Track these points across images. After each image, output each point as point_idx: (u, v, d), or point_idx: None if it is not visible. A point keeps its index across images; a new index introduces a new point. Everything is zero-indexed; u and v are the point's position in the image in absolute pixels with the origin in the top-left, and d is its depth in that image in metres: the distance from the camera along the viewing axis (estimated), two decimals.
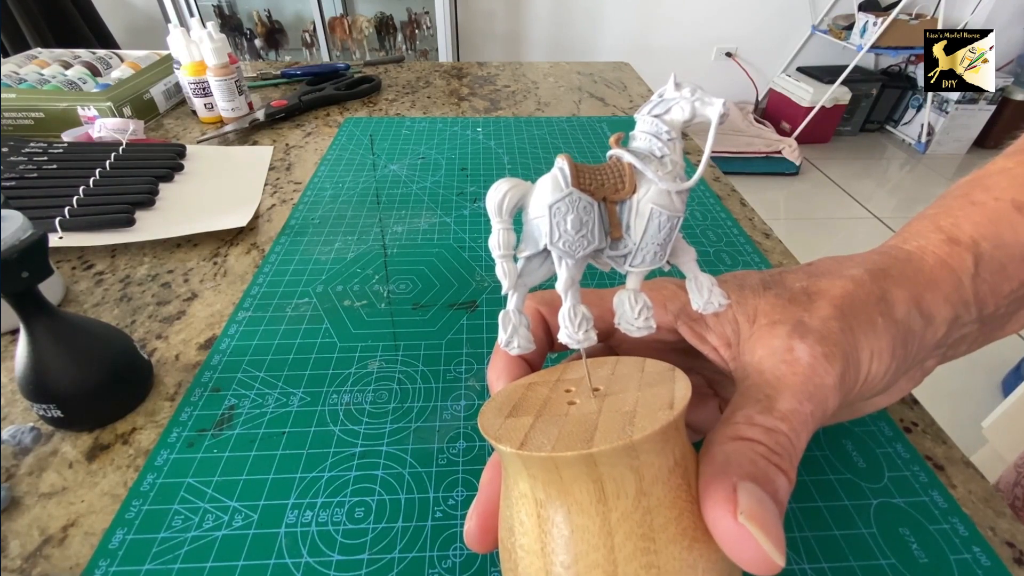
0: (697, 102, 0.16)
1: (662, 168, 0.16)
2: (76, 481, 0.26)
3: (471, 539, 0.18)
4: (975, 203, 0.21)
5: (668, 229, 0.16)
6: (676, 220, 0.16)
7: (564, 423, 0.15)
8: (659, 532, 0.14)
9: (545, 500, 0.14)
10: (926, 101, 2.42)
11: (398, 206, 0.49)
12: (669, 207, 0.16)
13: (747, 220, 0.48)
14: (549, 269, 0.17)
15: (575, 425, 0.15)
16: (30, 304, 0.26)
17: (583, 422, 0.15)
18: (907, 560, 0.24)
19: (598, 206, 0.16)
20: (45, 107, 0.60)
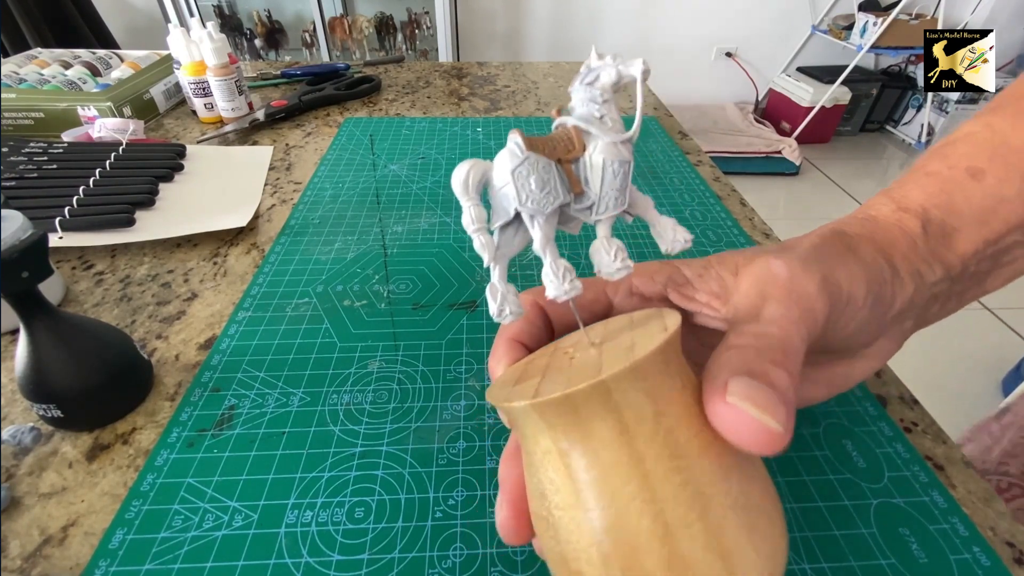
0: (620, 65, 0.18)
1: (603, 126, 0.18)
2: (76, 481, 0.26)
3: (507, 529, 0.17)
4: (929, 174, 0.22)
5: (622, 175, 0.18)
6: (628, 166, 0.18)
7: (570, 371, 0.15)
8: (685, 448, 0.14)
9: (569, 448, 0.15)
10: (926, 101, 2.42)
11: (398, 206, 0.49)
12: (618, 156, 0.18)
13: (747, 220, 0.48)
14: (524, 237, 0.18)
15: (580, 369, 0.15)
16: (30, 304, 0.26)
17: (587, 365, 0.15)
18: (907, 560, 0.24)
19: (555, 166, 0.18)
20: (45, 107, 0.60)
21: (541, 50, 2.47)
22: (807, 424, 0.30)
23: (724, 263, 0.21)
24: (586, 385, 0.14)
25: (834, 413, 0.30)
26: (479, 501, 0.26)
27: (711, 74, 2.58)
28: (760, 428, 0.13)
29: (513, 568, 0.23)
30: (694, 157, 0.60)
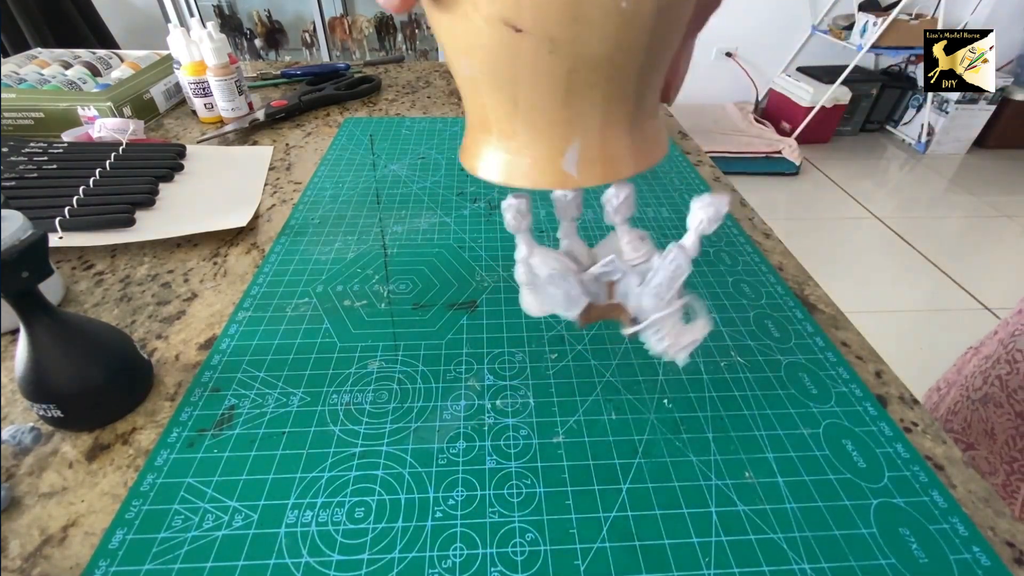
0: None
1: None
2: (76, 481, 0.26)
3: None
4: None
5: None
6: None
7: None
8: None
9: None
10: (926, 101, 2.42)
11: (398, 206, 0.49)
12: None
13: (747, 220, 0.48)
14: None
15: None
16: (30, 304, 0.26)
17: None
18: (907, 560, 0.24)
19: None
20: (45, 107, 0.60)
21: None
22: (807, 424, 0.30)
23: None
24: None
25: (834, 413, 0.30)
26: (479, 501, 0.26)
27: (711, 74, 2.58)
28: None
29: (513, 568, 0.23)
30: (694, 157, 0.60)
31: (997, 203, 2.12)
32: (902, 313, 1.57)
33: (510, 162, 0.15)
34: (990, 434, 0.46)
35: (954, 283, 1.69)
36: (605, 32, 0.12)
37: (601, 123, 0.14)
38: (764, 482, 0.27)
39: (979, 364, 0.49)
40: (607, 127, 0.14)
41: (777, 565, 0.23)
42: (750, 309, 0.37)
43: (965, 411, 0.48)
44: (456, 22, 0.13)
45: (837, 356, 0.34)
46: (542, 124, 0.14)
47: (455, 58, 0.14)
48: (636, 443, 0.28)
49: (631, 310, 0.21)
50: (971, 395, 0.48)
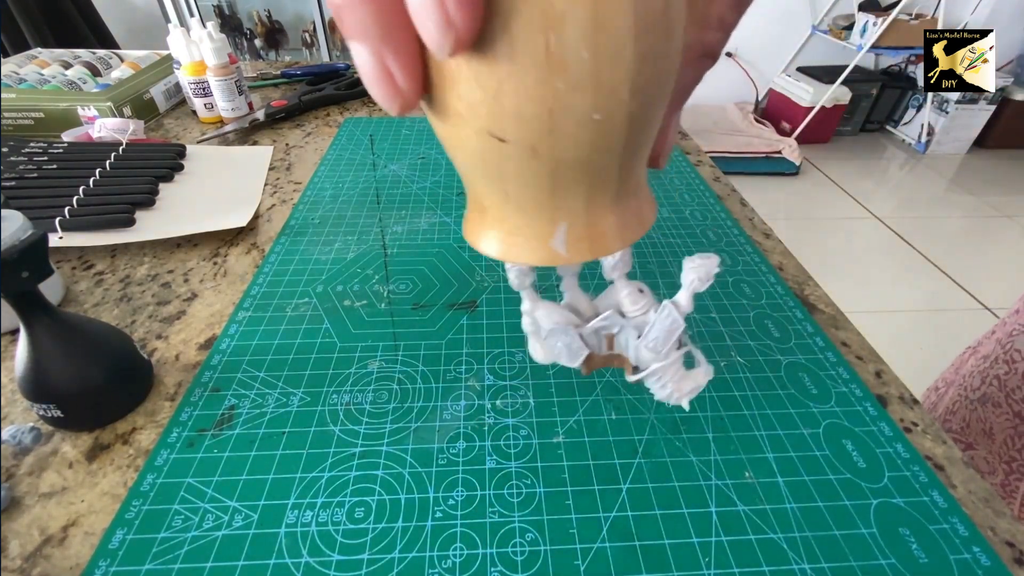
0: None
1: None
2: (76, 481, 0.26)
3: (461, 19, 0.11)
4: None
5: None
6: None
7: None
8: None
9: None
10: (926, 101, 2.43)
11: (398, 206, 0.49)
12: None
13: (747, 220, 0.48)
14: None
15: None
16: (30, 304, 0.26)
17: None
18: (907, 560, 0.24)
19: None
20: (45, 107, 0.60)
21: None
22: (807, 424, 0.30)
23: None
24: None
25: (834, 413, 0.30)
26: (479, 501, 0.26)
27: (711, 74, 2.54)
28: None
29: (513, 568, 0.23)
30: (694, 157, 0.60)
31: (997, 203, 2.12)
32: (902, 313, 1.57)
33: (505, 241, 0.17)
34: (988, 434, 0.46)
35: (954, 283, 1.69)
36: (580, 140, 0.13)
37: (586, 208, 0.15)
38: (764, 482, 0.27)
39: (977, 364, 0.49)
40: (591, 210, 0.15)
41: (777, 565, 0.23)
42: (750, 309, 0.37)
43: (963, 411, 0.48)
44: (448, 129, 0.14)
45: (837, 356, 0.34)
46: (531, 211, 0.15)
47: (451, 153, 0.15)
48: (636, 443, 0.28)
49: (631, 360, 0.22)
50: (969, 395, 0.48)
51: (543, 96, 0.12)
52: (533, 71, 0.12)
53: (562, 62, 0.11)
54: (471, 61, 0.12)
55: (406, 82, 0.12)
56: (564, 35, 0.11)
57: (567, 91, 0.12)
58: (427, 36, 0.11)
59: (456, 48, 0.11)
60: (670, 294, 0.21)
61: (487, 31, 0.11)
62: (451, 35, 0.11)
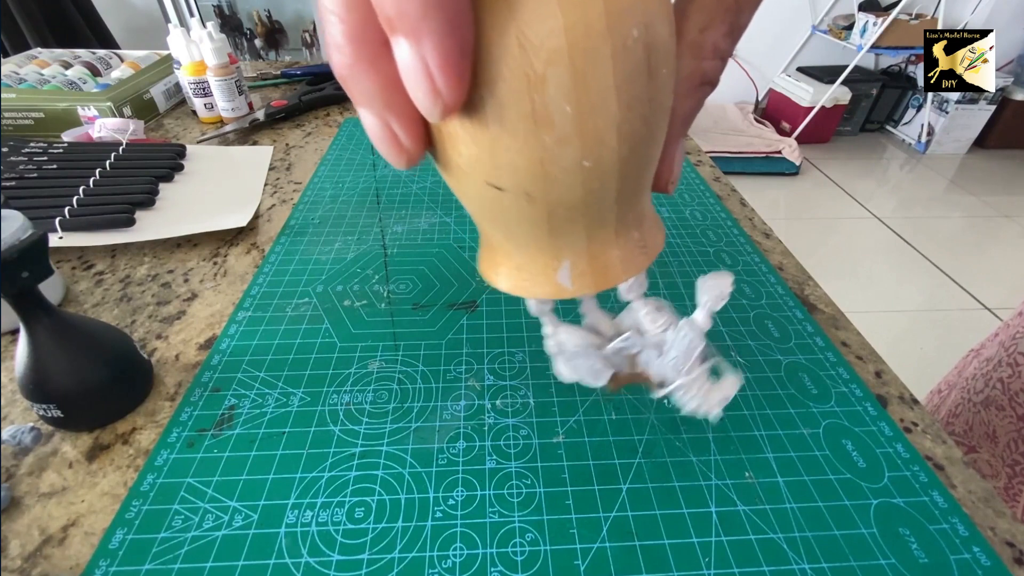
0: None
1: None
2: (76, 481, 0.26)
3: (451, 86, 0.12)
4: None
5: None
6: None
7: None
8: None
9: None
10: (926, 101, 2.43)
11: (398, 206, 0.49)
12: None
13: (747, 220, 0.48)
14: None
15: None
16: (30, 304, 0.26)
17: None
18: (907, 560, 0.24)
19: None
20: (45, 107, 0.60)
21: None
22: (807, 424, 0.30)
23: None
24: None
25: (834, 413, 0.30)
26: (479, 501, 0.26)
27: None
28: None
29: (513, 568, 0.23)
30: (694, 157, 0.60)
31: (997, 203, 2.12)
32: (902, 313, 1.58)
33: (513, 276, 0.18)
34: (992, 437, 0.46)
35: (954, 283, 1.69)
36: (573, 184, 0.14)
37: (587, 245, 0.16)
38: (764, 482, 0.27)
39: (980, 366, 0.49)
40: (593, 246, 0.16)
41: (777, 565, 0.23)
42: (750, 309, 0.37)
43: (966, 413, 0.48)
44: (452, 180, 0.16)
45: (837, 356, 0.34)
46: (534, 250, 0.16)
47: (459, 198, 0.17)
48: (636, 443, 0.28)
49: (656, 377, 0.22)
50: (972, 397, 0.48)
51: (533, 149, 0.13)
52: (522, 128, 0.12)
53: (547, 118, 0.12)
54: (465, 122, 0.13)
55: (409, 142, 0.14)
56: (546, 94, 0.12)
57: (555, 144, 0.13)
58: (418, 103, 0.12)
59: (444, 113, 0.12)
60: (670, 294, 0.21)
61: (476, 95, 0.12)
62: (439, 102, 0.12)
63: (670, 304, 0.21)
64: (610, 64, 0.12)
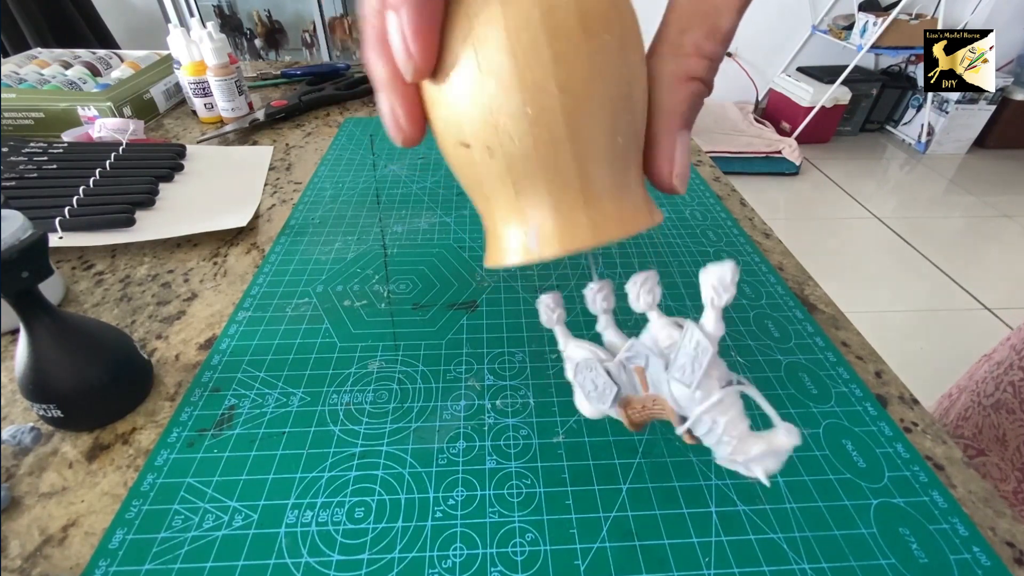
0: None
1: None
2: (76, 481, 0.26)
3: (408, 122, 0.17)
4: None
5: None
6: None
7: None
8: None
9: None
10: (926, 101, 2.43)
11: (398, 206, 0.49)
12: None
13: (747, 220, 0.48)
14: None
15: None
16: (30, 304, 0.26)
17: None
18: (907, 560, 0.24)
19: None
20: (45, 107, 0.60)
21: None
22: (807, 424, 0.30)
23: None
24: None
25: (834, 413, 0.30)
26: (479, 501, 0.26)
27: None
28: (673, 190, 0.18)
29: (513, 568, 0.23)
30: (694, 157, 0.60)
31: (997, 203, 2.12)
32: (902, 313, 1.58)
33: (493, 248, 0.19)
34: (1002, 440, 0.45)
35: (954, 283, 1.69)
36: (521, 133, 0.15)
37: (553, 208, 0.17)
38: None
39: (991, 370, 0.49)
40: (559, 210, 0.17)
41: (777, 565, 0.23)
42: (750, 309, 0.37)
43: (976, 416, 0.48)
44: (441, 149, 0.17)
45: (837, 356, 0.34)
46: (507, 214, 0.17)
47: (451, 170, 0.18)
48: (636, 443, 0.28)
49: (669, 401, 0.21)
50: (982, 401, 0.48)
51: (481, 98, 0.15)
52: (470, 80, 0.15)
53: (490, 69, 0.15)
54: (438, 87, 0.16)
55: (406, 121, 0.17)
56: (487, 50, 0.14)
57: (499, 91, 0.15)
58: (398, 63, 0.15)
59: (416, 73, 0.15)
60: (670, 294, 0.21)
61: (441, 62, 0.15)
62: (411, 63, 0.15)
63: (694, 324, 0.19)
64: (539, 22, 0.14)
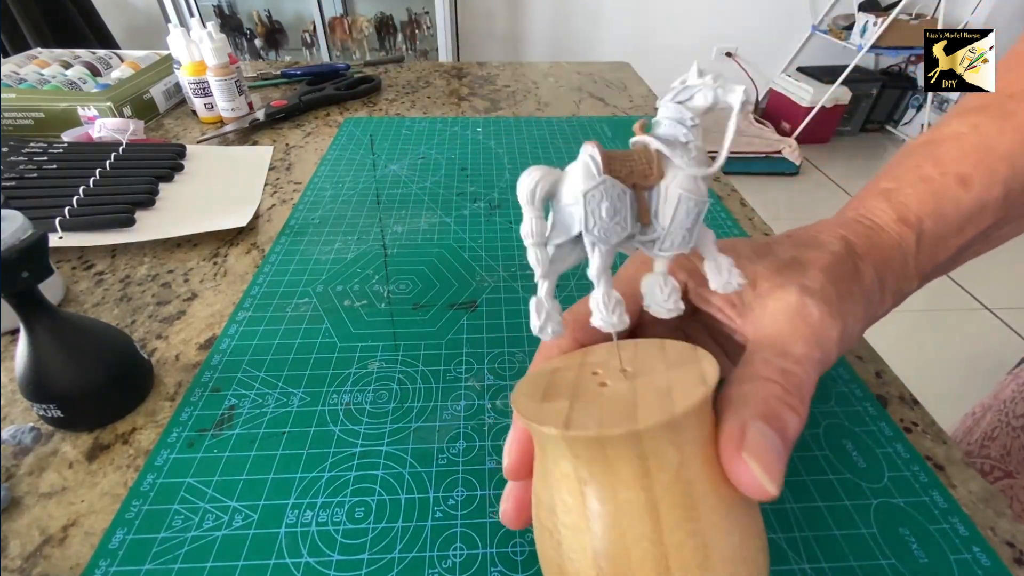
0: (719, 89, 0.16)
1: (687, 154, 0.17)
2: (76, 481, 0.26)
3: (508, 519, 0.19)
4: (923, 179, 0.24)
5: (696, 214, 0.17)
6: (703, 205, 0.17)
7: (602, 404, 0.15)
8: (699, 501, 0.15)
9: (588, 479, 0.15)
10: (926, 101, 2.42)
11: (398, 206, 0.49)
12: (696, 192, 0.17)
13: (747, 220, 0.48)
14: (579, 255, 0.17)
15: (614, 405, 0.15)
16: (30, 304, 0.26)
17: (621, 401, 0.15)
18: (907, 560, 0.24)
19: (629, 193, 0.16)
20: (45, 107, 0.60)
21: (541, 50, 2.46)
22: (807, 424, 0.29)
23: (743, 270, 0.21)
24: (621, 432, 0.14)
25: (834, 413, 0.30)
26: (479, 501, 0.26)
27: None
28: (758, 485, 0.15)
29: (513, 568, 0.23)
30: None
31: None
32: (902, 313, 1.57)
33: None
34: None
35: (954, 283, 1.69)
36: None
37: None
38: None
39: (1019, 389, 0.47)
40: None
41: (777, 565, 0.23)
42: None
43: (1004, 437, 0.46)
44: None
45: None
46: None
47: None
48: None
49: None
50: (1011, 421, 0.46)
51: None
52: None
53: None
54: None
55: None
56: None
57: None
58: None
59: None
60: None
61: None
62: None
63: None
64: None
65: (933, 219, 0.23)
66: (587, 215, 0.16)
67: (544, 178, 0.16)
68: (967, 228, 0.23)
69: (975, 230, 0.23)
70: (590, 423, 0.14)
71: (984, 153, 0.23)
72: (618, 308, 0.17)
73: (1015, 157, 0.22)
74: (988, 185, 0.22)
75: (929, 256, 0.23)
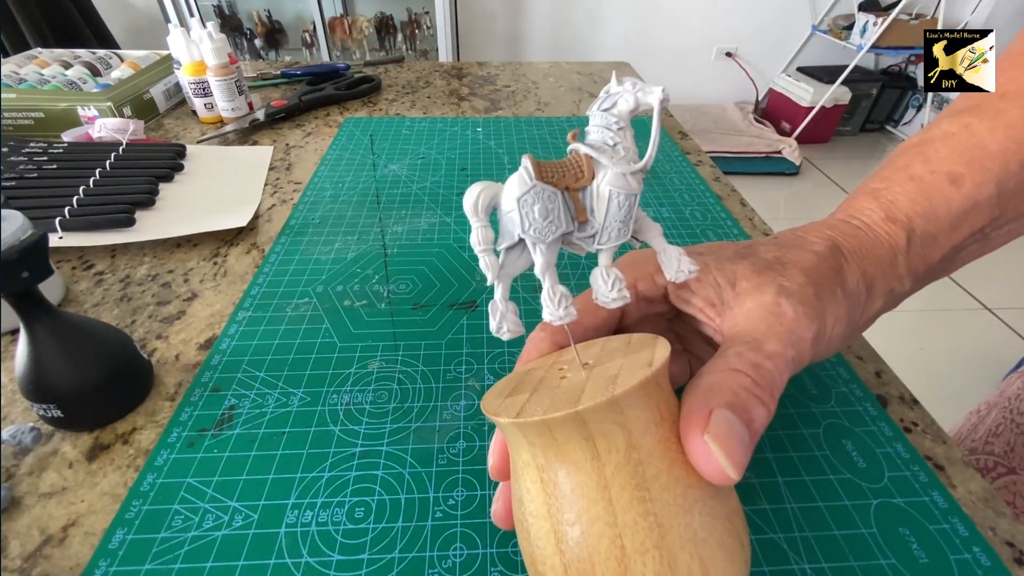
0: (639, 92, 0.18)
1: (615, 155, 0.18)
2: (76, 481, 0.26)
3: (499, 519, 0.20)
4: (913, 178, 0.24)
5: (627, 207, 0.18)
6: (633, 198, 0.18)
7: (555, 393, 0.16)
8: (652, 481, 0.15)
9: (545, 464, 0.16)
10: (926, 101, 2.42)
11: (398, 206, 0.49)
12: (625, 187, 0.18)
13: (747, 220, 0.48)
14: (528, 259, 0.19)
15: (565, 393, 0.16)
16: (30, 304, 0.26)
17: (572, 390, 0.16)
18: (907, 560, 0.24)
19: (561, 194, 0.18)
20: (45, 107, 0.60)
21: (541, 50, 2.46)
22: (807, 424, 0.30)
23: (722, 271, 0.22)
24: (561, 414, 0.15)
25: (834, 413, 0.30)
26: (479, 501, 0.26)
27: (711, 74, 2.58)
28: (720, 470, 0.15)
29: (513, 568, 0.23)
30: (694, 157, 0.60)
31: None
32: (902, 313, 1.57)
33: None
34: None
35: (954, 283, 1.69)
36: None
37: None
38: (764, 482, 0.27)
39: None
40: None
41: (777, 565, 0.23)
42: None
43: (1008, 434, 0.46)
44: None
45: (837, 356, 0.34)
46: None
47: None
48: None
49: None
50: (1016, 418, 0.46)
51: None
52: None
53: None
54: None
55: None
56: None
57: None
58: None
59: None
60: None
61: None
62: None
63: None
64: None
65: (924, 217, 0.23)
66: (522, 218, 0.17)
67: (485, 191, 0.18)
68: (961, 227, 0.23)
69: (969, 229, 0.23)
70: (539, 410, 0.15)
71: (975, 152, 0.23)
72: (564, 301, 0.18)
73: (1007, 155, 0.22)
74: (979, 183, 0.22)
75: (921, 255, 0.23)
